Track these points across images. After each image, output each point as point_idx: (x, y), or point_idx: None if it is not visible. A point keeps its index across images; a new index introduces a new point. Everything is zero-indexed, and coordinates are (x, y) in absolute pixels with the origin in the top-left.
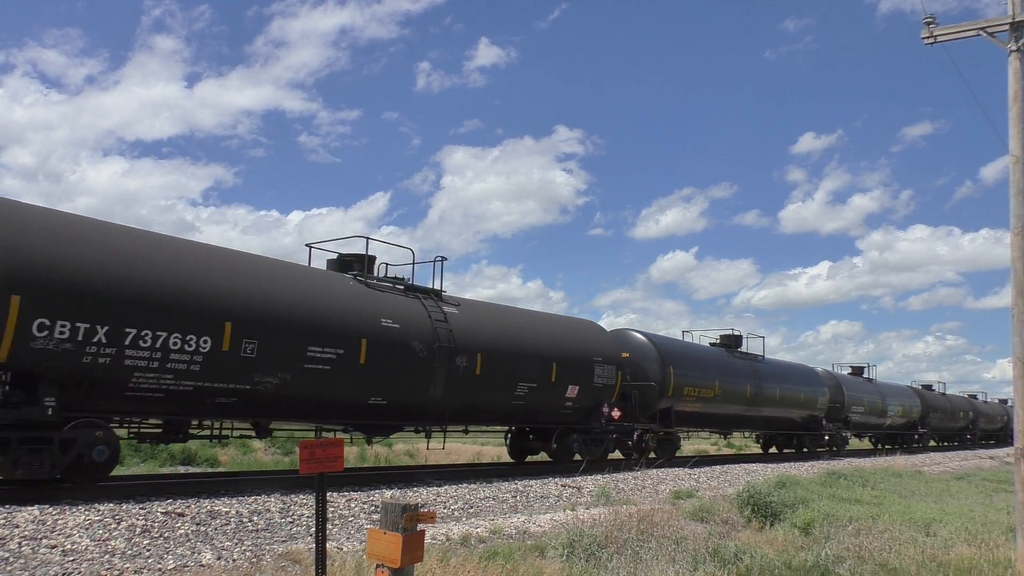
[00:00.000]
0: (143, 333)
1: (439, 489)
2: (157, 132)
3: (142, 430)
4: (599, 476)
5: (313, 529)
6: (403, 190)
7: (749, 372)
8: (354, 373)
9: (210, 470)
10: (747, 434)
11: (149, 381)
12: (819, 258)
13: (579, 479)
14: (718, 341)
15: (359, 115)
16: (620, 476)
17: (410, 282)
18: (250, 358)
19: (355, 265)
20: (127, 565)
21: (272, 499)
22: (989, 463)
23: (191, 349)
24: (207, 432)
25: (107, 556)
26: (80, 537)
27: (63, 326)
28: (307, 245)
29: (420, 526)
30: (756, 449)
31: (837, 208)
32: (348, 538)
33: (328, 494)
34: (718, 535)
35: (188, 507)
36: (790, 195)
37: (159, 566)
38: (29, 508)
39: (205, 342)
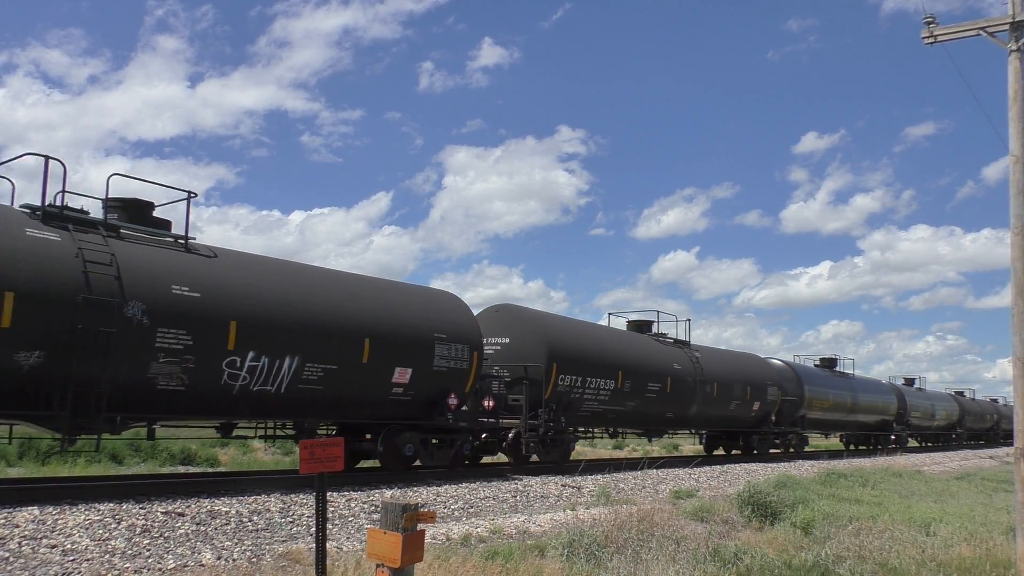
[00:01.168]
0: None
1: (439, 489)
2: (159, 132)
3: None
4: (599, 476)
5: (313, 529)
6: (405, 190)
7: (846, 388)
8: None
9: (210, 470)
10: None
11: None
12: (820, 258)
13: (579, 479)
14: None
15: (361, 115)
16: (620, 476)
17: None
18: None
19: None
20: (127, 565)
21: (272, 499)
22: (989, 463)
23: None
24: None
25: (107, 556)
26: (80, 537)
27: None
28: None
29: (420, 526)
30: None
31: (839, 208)
32: (348, 538)
33: (328, 494)
34: (718, 535)
35: (188, 507)
36: (792, 195)
37: (159, 566)
38: (29, 508)
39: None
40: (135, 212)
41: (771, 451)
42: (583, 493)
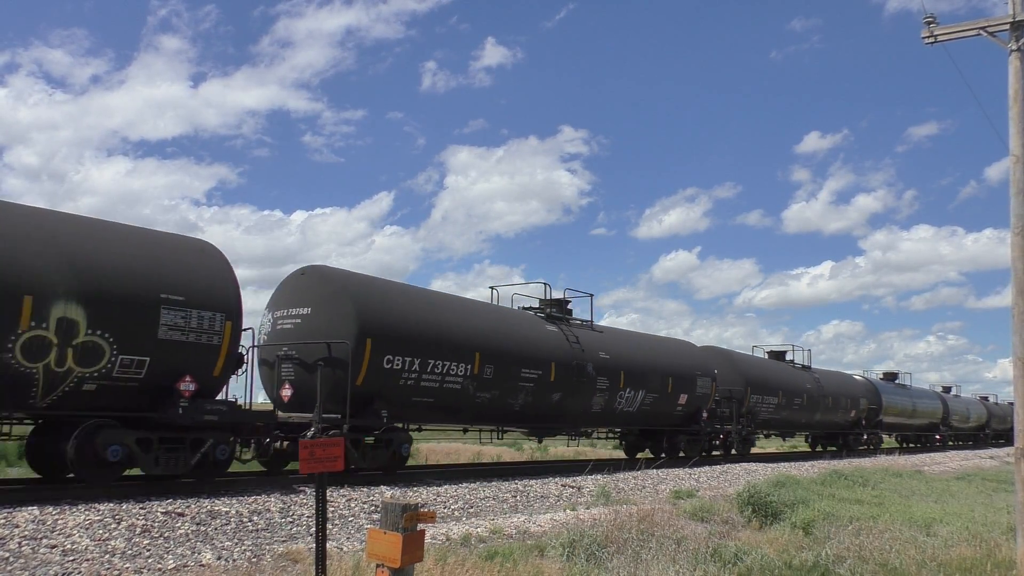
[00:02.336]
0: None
1: (439, 489)
2: (161, 132)
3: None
4: (599, 476)
5: (313, 529)
6: (407, 190)
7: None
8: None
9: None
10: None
11: None
12: (822, 258)
13: (579, 479)
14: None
15: (364, 115)
16: (620, 476)
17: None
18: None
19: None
20: (127, 565)
21: (272, 499)
22: (989, 463)
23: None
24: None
25: (107, 556)
26: (80, 537)
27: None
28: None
29: (420, 526)
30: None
31: (841, 208)
32: (348, 538)
33: (328, 494)
34: (718, 535)
35: (188, 507)
36: (794, 195)
37: (159, 566)
38: (29, 508)
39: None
40: (562, 307)
41: (859, 448)
42: (583, 493)
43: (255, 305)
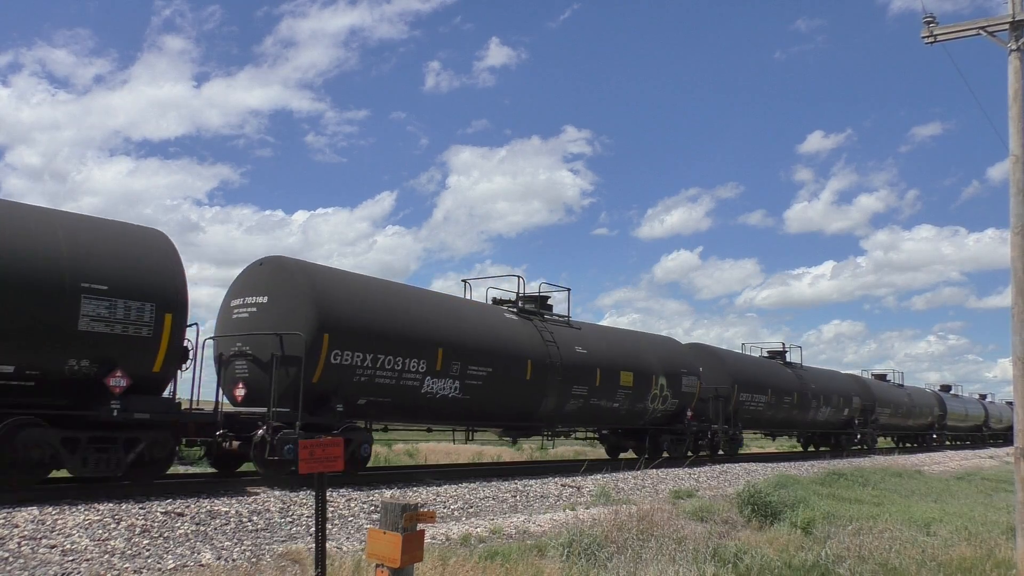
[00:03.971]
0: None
1: (439, 489)
2: (164, 132)
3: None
4: (599, 476)
5: (313, 529)
6: (409, 190)
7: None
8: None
9: (210, 470)
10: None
11: None
12: (823, 258)
13: (579, 479)
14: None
15: (367, 115)
16: (620, 476)
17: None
18: None
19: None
20: (127, 565)
21: (272, 499)
22: (989, 463)
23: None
24: None
25: (106, 556)
26: (80, 537)
27: None
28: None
29: (420, 526)
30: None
31: (843, 208)
32: (348, 538)
33: (328, 494)
34: (718, 535)
35: (188, 507)
36: (796, 195)
37: (159, 566)
38: (28, 508)
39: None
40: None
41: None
42: (583, 493)
43: None
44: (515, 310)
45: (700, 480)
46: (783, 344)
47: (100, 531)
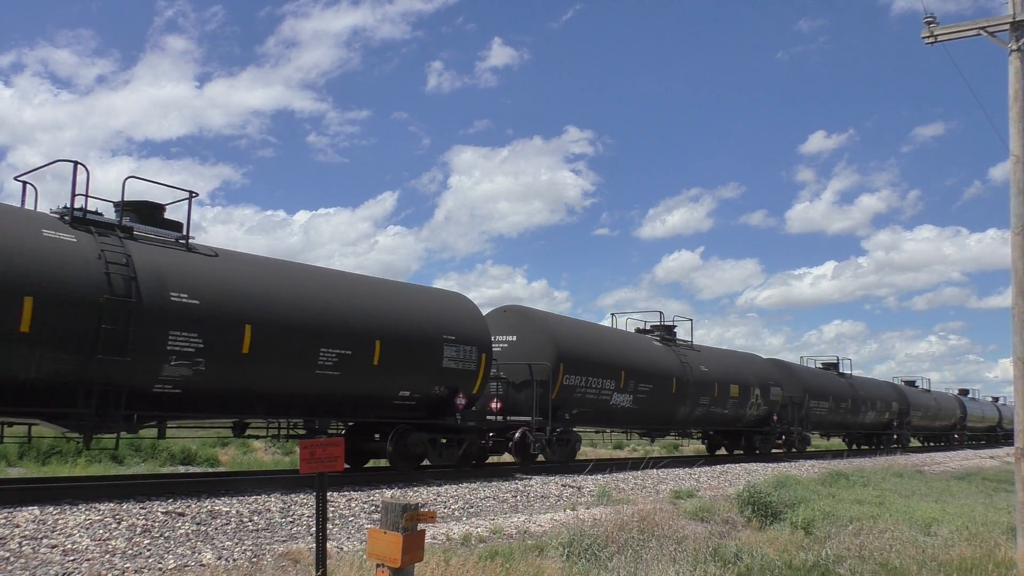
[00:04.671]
0: None
1: (439, 489)
2: (166, 132)
3: None
4: (599, 476)
5: (313, 529)
6: (411, 190)
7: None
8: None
9: (210, 470)
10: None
11: None
12: (825, 258)
13: (579, 479)
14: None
15: (368, 115)
16: (621, 476)
17: None
18: None
19: None
20: (127, 565)
21: (272, 499)
22: (990, 463)
23: None
24: None
25: (107, 556)
26: (80, 537)
27: None
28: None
29: (420, 526)
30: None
31: (844, 208)
32: (348, 538)
33: (328, 494)
34: (719, 535)
35: (188, 507)
36: (798, 195)
37: (159, 566)
38: (29, 508)
39: None
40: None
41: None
42: (583, 493)
43: None
44: (658, 337)
45: (700, 480)
46: (837, 357)
47: (101, 531)
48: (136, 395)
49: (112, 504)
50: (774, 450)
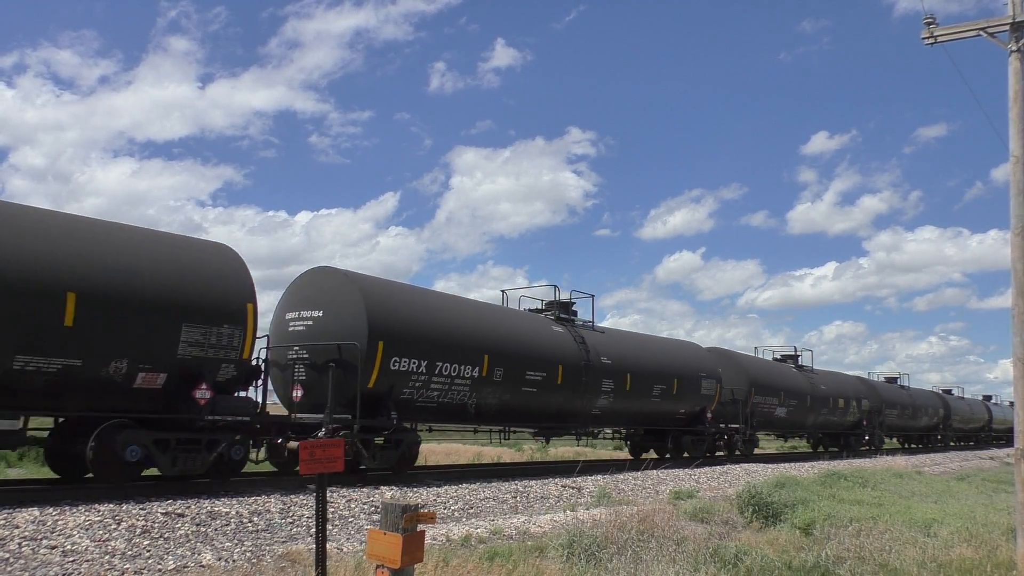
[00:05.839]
0: None
1: (439, 489)
2: (168, 133)
3: None
4: (599, 476)
5: (313, 530)
6: (412, 191)
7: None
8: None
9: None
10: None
11: None
12: (826, 259)
13: (579, 479)
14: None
15: (371, 116)
16: (620, 476)
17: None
18: None
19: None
20: (127, 566)
21: (272, 500)
22: (990, 463)
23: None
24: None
25: (107, 557)
26: (80, 538)
27: None
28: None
29: (420, 527)
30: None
31: (846, 209)
32: (348, 539)
33: (328, 494)
34: (719, 536)
35: (188, 508)
36: (799, 196)
37: (159, 567)
38: (29, 509)
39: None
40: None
41: (861, 449)
42: (583, 494)
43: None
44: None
45: (700, 481)
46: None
47: (101, 532)
48: None
49: (112, 505)
50: (861, 448)
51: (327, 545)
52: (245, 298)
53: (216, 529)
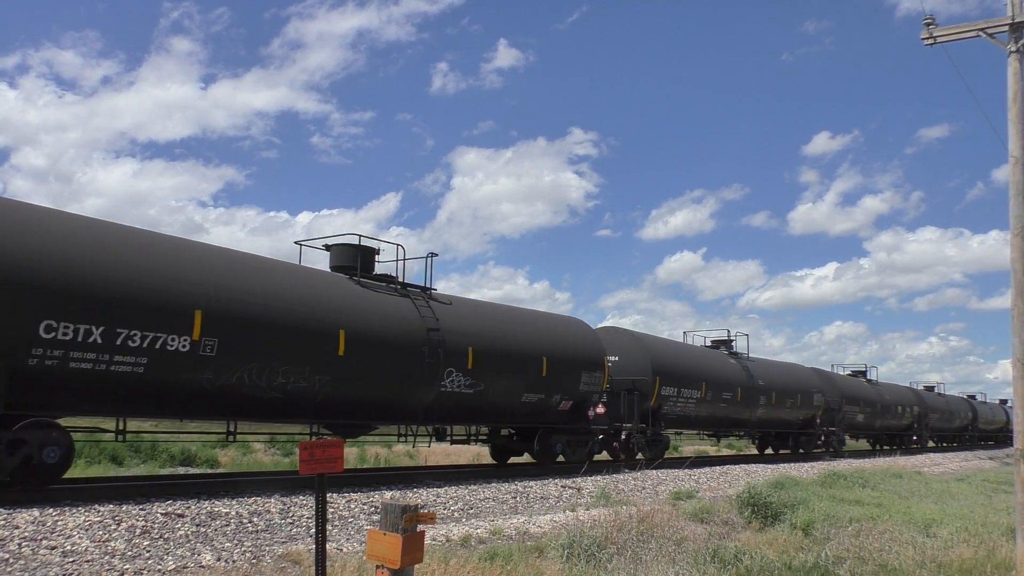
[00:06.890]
0: None
1: (439, 490)
2: (170, 133)
3: None
4: (599, 477)
5: (313, 530)
6: (414, 191)
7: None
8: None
9: (210, 471)
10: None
11: None
12: (826, 259)
13: (579, 480)
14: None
15: (373, 116)
16: (620, 477)
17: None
18: None
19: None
20: (127, 566)
21: (272, 500)
22: (989, 464)
23: None
24: None
25: (107, 557)
26: (80, 538)
27: None
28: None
29: (420, 527)
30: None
31: (847, 210)
32: (348, 539)
33: (328, 495)
34: (718, 536)
35: (188, 508)
36: (801, 196)
37: (159, 567)
38: (29, 509)
39: None
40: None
41: (814, 451)
42: (583, 494)
43: None
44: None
45: (700, 481)
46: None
47: (100, 532)
48: None
49: (112, 505)
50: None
51: (327, 545)
52: (603, 354)
53: (216, 529)
